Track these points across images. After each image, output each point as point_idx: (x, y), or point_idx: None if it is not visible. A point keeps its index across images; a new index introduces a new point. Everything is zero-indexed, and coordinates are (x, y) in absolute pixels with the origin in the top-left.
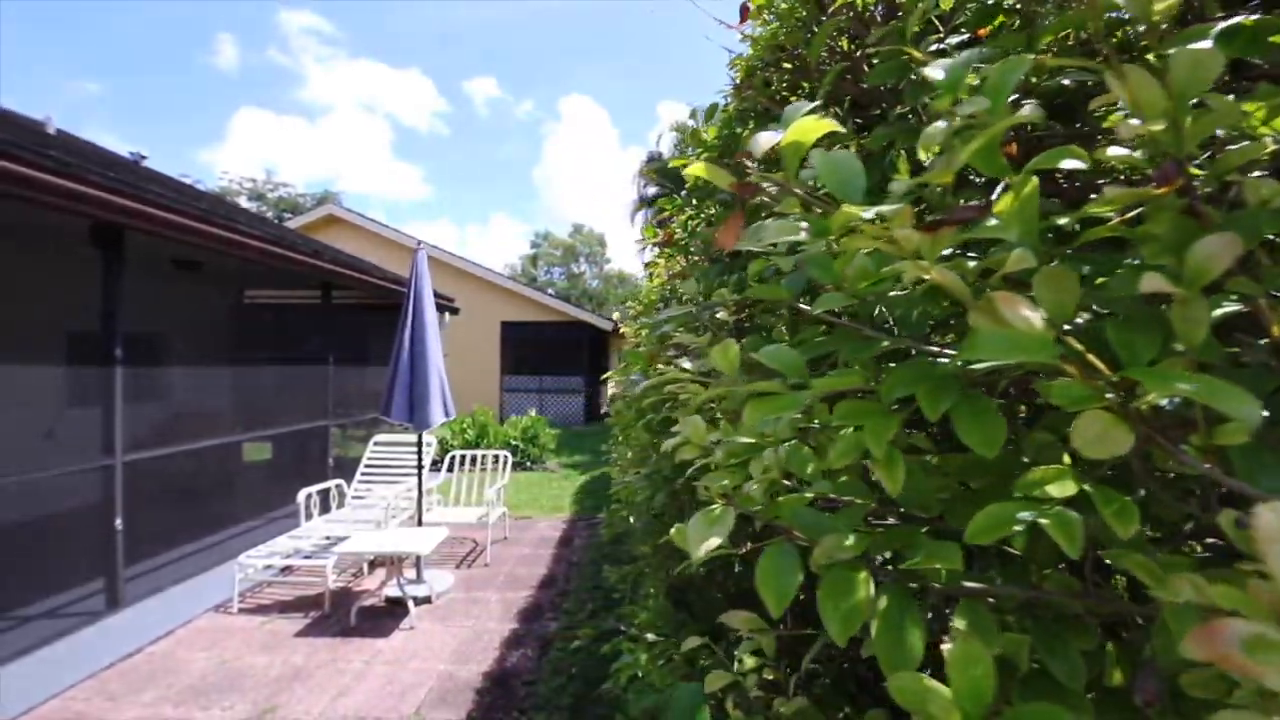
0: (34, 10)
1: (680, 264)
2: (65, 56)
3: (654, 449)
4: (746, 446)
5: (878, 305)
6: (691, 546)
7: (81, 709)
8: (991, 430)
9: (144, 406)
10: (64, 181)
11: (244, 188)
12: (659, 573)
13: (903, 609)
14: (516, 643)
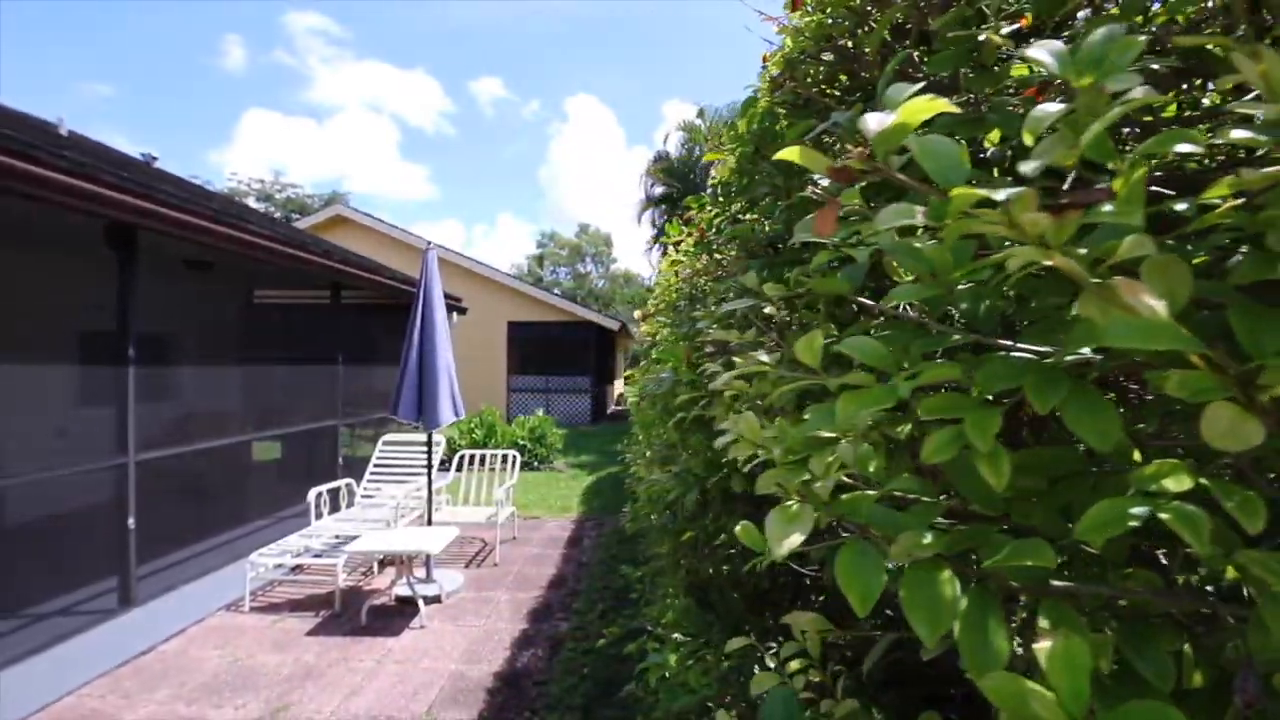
0: (45, 13)
1: (702, 263)
2: (76, 59)
3: (684, 447)
4: (806, 443)
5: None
6: (772, 544)
7: (96, 706)
8: (1106, 423)
9: (155, 406)
10: (78, 182)
11: (252, 188)
12: (678, 572)
13: (985, 609)
14: (527, 643)
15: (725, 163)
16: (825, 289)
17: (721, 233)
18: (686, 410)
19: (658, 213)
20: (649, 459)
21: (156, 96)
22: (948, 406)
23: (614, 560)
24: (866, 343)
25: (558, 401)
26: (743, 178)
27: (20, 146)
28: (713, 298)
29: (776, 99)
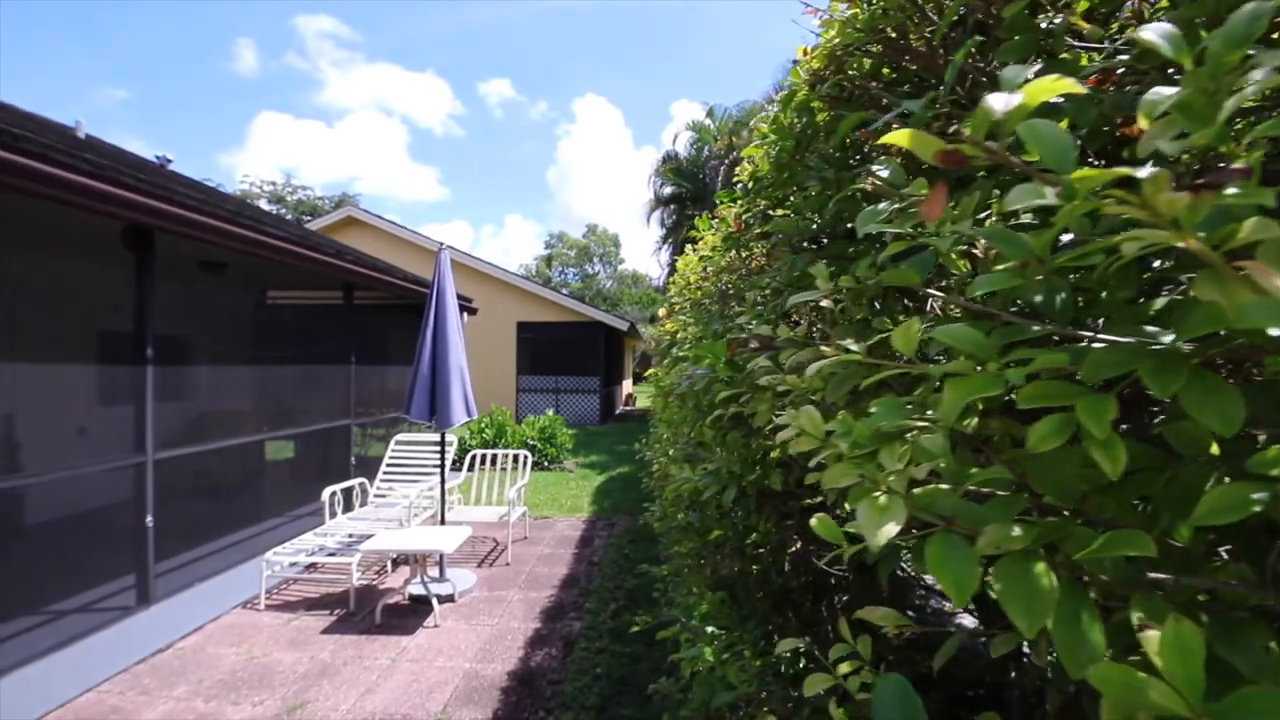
0: (62, 20)
1: (727, 260)
2: (92, 64)
3: (718, 445)
4: (875, 436)
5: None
6: (867, 534)
7: (115, 703)
8: (1229, 407)
9: (172, 406)
10: (99, 184)
11: (264, 191)
12: (703, 571)
13: (1077, 602)
14: (540, 642)
15: (754, 159)
16: (896, 280)
17: (750, 228)
18: (724, 407)
19: (666, 213)
20: (674, 456)
21: (171, 100)
22: (1055, 394)
23: (626, 560)
24: (963, 330)
25: (567, 402)
26: (782, 172)
27: (40, 149)
28: (756, 292)
29: (818, 93)
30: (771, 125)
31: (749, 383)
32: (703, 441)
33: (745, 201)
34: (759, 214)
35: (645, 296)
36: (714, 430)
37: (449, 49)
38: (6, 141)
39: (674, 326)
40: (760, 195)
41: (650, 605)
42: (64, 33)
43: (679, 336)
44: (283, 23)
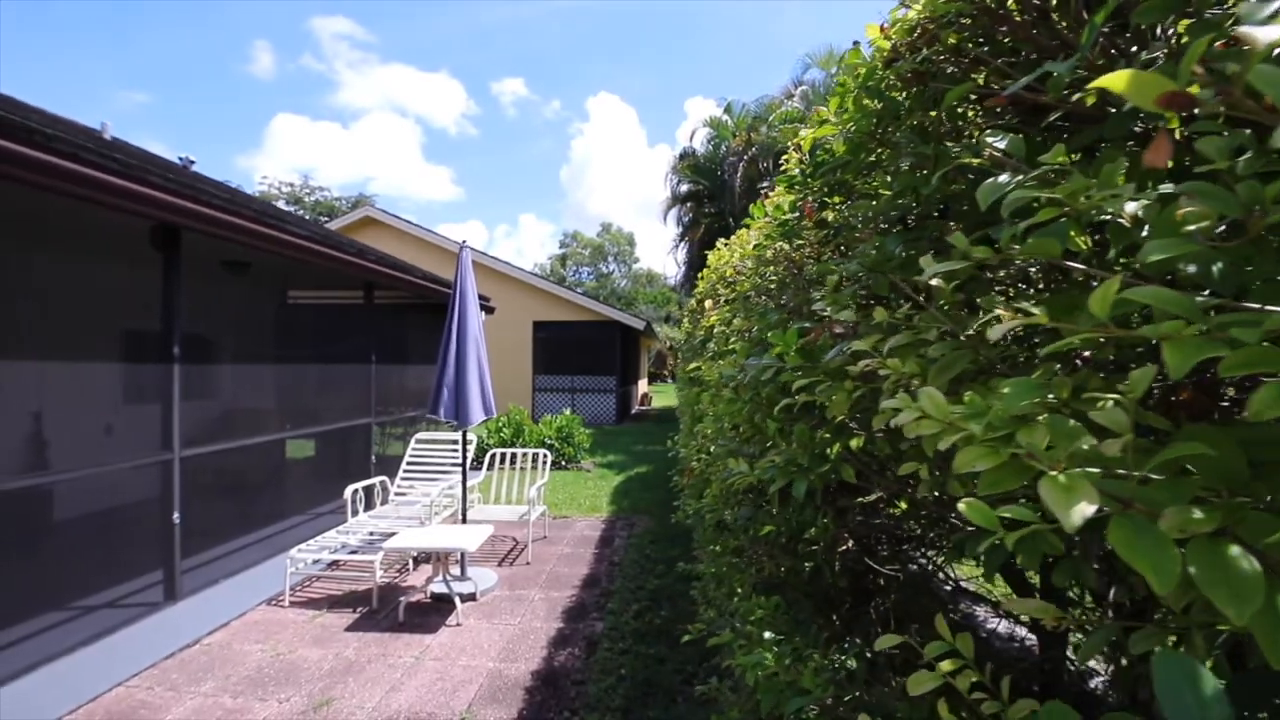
0: (84, 23)
1: (772, 251)
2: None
3: (784, 437)
4: (1011, 421)
5: None
6: (1060, 514)
7: (144, 698)
8: None
9: (196, 404)
10: (128, 183)
11: (282, 192)
12: (748, 570)
13: (1273, 590)
14: (563, 642)
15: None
16: (1037, 252)
17: (819, 213)
18: (793, 397)
19: (683, 210)
20: (718, 452)
21: (190, 103)
22: (1264, 359)
23: (647, 560)
24: (1165, 292)
25: (583, 401)
26: (859, 153)
27: (71, 149)
28: (834, 277)
29: (895, 70)
30: (852, 104)
31: (825, 370)
32: (756, 434)
33: (804, 187)
34: (817, 200)
35: (660, 295)
36: (777, 422)
37: (462, 48)
38: (39, 142)
39: (718, 318)
40: (824, 179)
41: (674, 606)
42: (86, 37)
43: (717, 331)
44: (299, 24)
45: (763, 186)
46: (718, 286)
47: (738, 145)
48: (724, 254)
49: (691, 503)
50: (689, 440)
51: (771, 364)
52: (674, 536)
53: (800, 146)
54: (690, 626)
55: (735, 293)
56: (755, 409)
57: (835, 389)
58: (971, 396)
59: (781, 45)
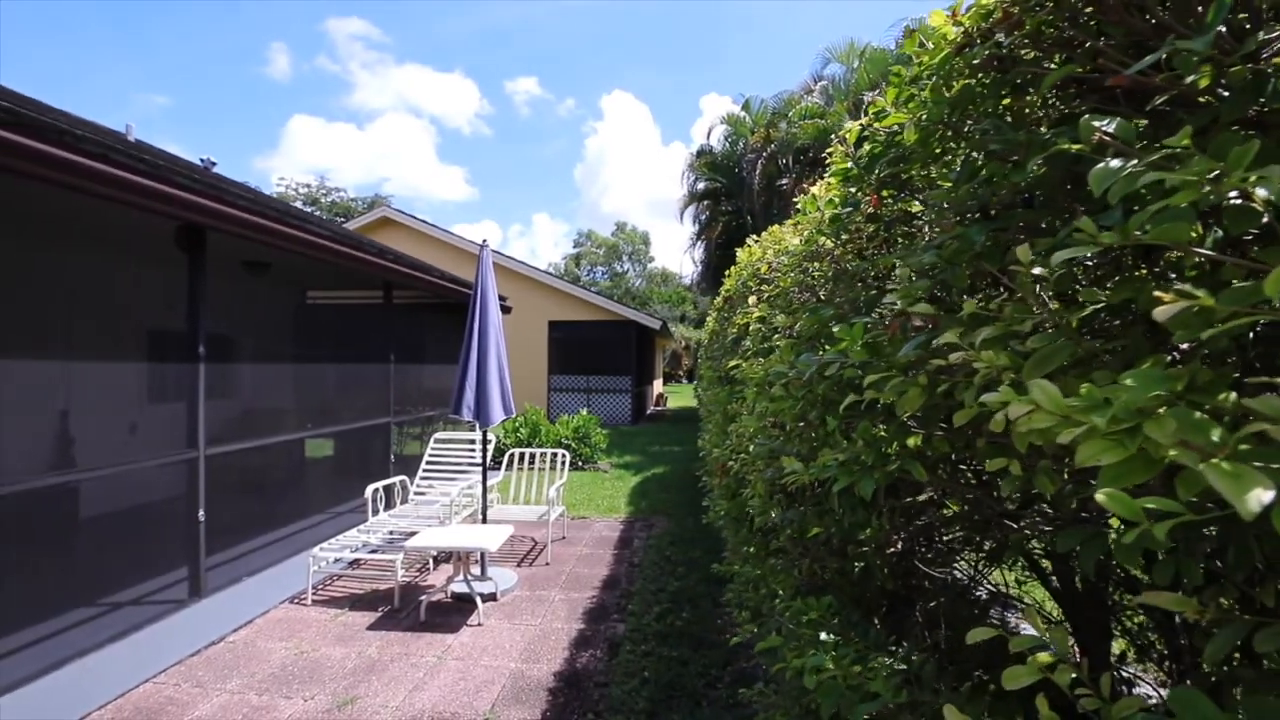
0: (104, 26)
1: (816, 245)
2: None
3: (846, 435)
4: (1134, 413)
5: None
6: (1236, 501)
7: (171, 694)
8: None
9: (219, 403)
10: (156, 184)
11: (299, 193)
12: (791, 571)
13: None
14: (585, 643)
15: (846, 137)
16: (1166, 237)
17: (888, 205)
18: (859, 393)
19: (700, 208)
20: (758, 451)
21: (208, 105)
22: None
23: (667, 562)
24: None
25: (598, 401)
26: (931, 141)
27: (100, 150)
28: (910, 267)
29: (968, 56)
30: (930, 91)
31: (897, 365)
32: (808, 432)
33: (859, 180)
34: (871, 193)
35: (675, 295)
36: (838, 419)
37: (476, 48)
38: (69, 143)
39: (760, 313)
40: (877, 174)
41: (696, 608)
42: (108, 41)
43: (754, 328)
44: (314, 26)
45: (782, 183)
46: (750, 283)
47: (756, 142)
48: (756, 250)
49: (723, 503)
50: (720, 439)
51: (834, 359)
52: (694, 538)
53: (845, 139)
54: (740, 628)
55: (776, 289)
56: (809, 406)
57: (908, 384)
58: (1089, 388)
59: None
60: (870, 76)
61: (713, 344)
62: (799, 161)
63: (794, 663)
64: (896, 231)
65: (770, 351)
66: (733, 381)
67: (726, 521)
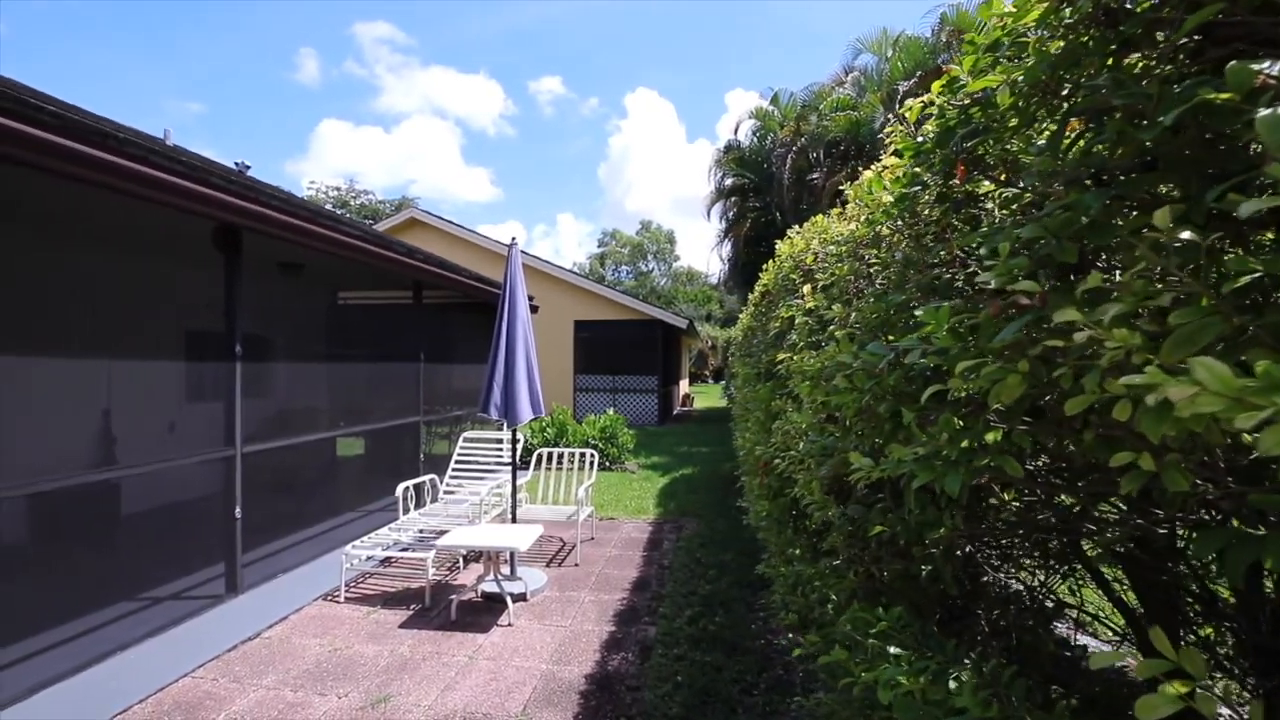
0: (139, 35)
1: (871, 232)
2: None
3: (923, 429)
4: None
5: None
6: None
7: (209, 689)
8: None
9: (254, 402)
10: (195, 185)
11: (329, 196)
12: (846, 575)
13: None
14: (616, 645)
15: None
16: None
17: (973, 179)
18: (943, 382)
19: (727, 205)
20: (815, 447)
21: (240, 112)
22: None
23: (698, 564)
24: None
25: (624, 401)
26: (1030, 105)
27: (142, 152)
28: (1009, 241)
29: (1077, 8)
30: (1033, 50)
31: (993, 350)
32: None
33: (929, 156)
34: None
35: (701, 294)
36: (915, 411)
37: (500, 49)
38: (113, 145)
39: (815, 303)
40: (961, 144)
41: (728, 612)
42: (145, 50)
43: (799, 321)
44: (342, 30)
45: (812, 178)
46: (793, 276)
47: (786, 136)
48: (798, 242)
49: (764, 504)
50: (761, 437)
51: (913, 346)
52: (725, 540)
53: (905, 118)
54: (803, 639)
55: (831, 277)
56: (875, 399)
57: (1006, 371)
58: (1267, 366)
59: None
60: (905, 65)
61: (749, 340)
62: (830, 155)
63: (863, 676)
64: (965, 213)
65: (821, 344)
66: (775, 377)
67: (769, 523)
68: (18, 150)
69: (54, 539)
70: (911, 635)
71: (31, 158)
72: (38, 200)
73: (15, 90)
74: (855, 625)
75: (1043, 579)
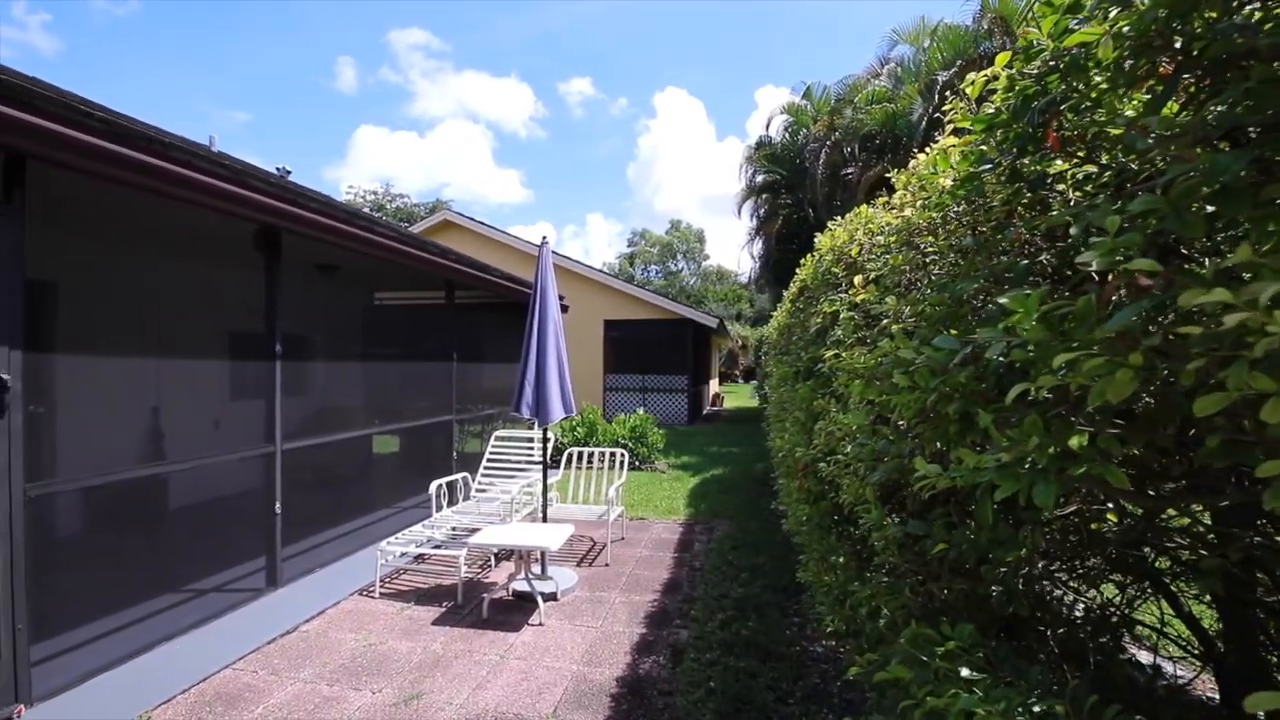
0: (191, 50)
1: (928, 218)
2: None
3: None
4: None
5: None
6: None
7: (249, 681)
8: None
9: (293, 400)
10: (236, 188)
11: (366, 200)
12: (902, 591)
13: None
14: (647, 648)
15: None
16: None
17: (1069, 147)
18: (1030, 379)
19: (759, 202)
20: (865, 451)
21: (282, 120)
22: None
23: (730, 567)
24: None
25: (654, 401)
26: (1137, 62)
27: (185, 156)
28: (1118, 215)
29: None
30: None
31: (1096, 341)
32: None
33: (1005, 129)
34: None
35: (731, 293)
36: (993, 413)
37: (531, 51)
38: (158, 150)
39: (866, 296)
40: (1040, 116)
41: (762, 617)
42: (192, 61)
43: (844, 317)
44: (378, 38)
45: (847, 173)
46: (834, 269)
47: (819, 130)
48: (840, 234)
49: (803, 508)
50: (801, 439)
51: (994, 338)
52: (758, 543)
53: (966, 94)
54: (859, 658)
55: (886, 267)
56: (943, 399)
57: (1115, 365)
58: None
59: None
60: (944, 55)
61: (785, 338)
62: (865, 149)
63: (929, 701)
64: (1034, 195)
65: (868, 341)
66: (816, 376)
67: (809, 528)
68: (70, 155)
69: (107, 531)
70: (983, 656)
71: (83, 162)
72: (94, 205)
73: (66, 98)
74: (916, 643)
75: (1114, 594)
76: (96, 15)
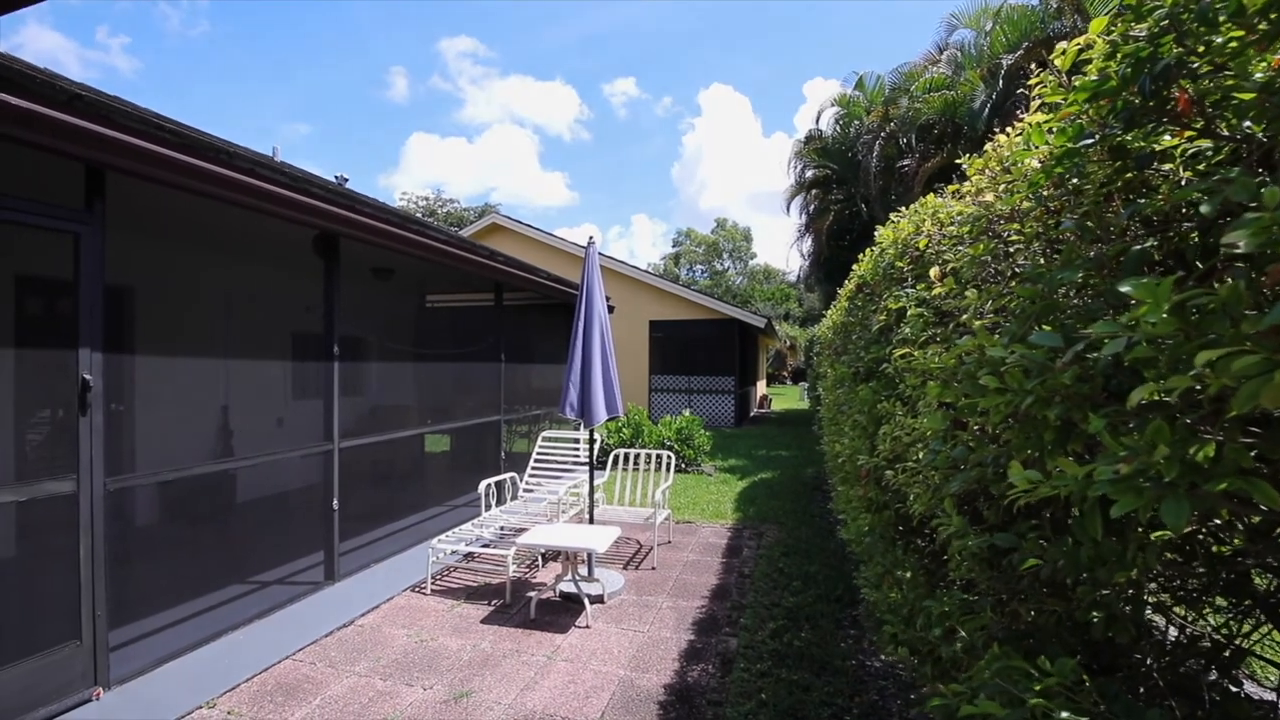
0: (258, 67)
1: (1010, 206)
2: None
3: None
4: None
5: None
6: None
7: (308, 672)
8: None
9: (349, 400)
10: (296, 195)
11: (419, 206)
12: (981, 610)
13: None
14: (695, 656)
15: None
16: None
17: (1203, 114)
18: (1159, 379)
19: (808, 198)
20: (940, 459)
21: (341, 130)
22: None
23: (780, 575)
24: None
25: (700, 402)
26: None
27: (248, 164)
28: (1248, 188)
29: None
30: None
31: (1248, 336)
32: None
33: (1109, 97)
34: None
35: (779, 292)
36: (1103, 418)
37: (575, 54)
38: (223, 159)
39: (946, 288)
40: (1157, 80)
41: (815, 628)
42: (259, 76)
43: (911, 313)
44: (429, 48)
45: (903, 165)
46: (898, 264)
47: (873, 121)
48: (905, 226)
49: (865, 517)
50: (863, 444)
51: (1113, 332)
52: (809, 550)
53: (1055, 65)
54: (942, 689)
55: (963, 258)
56: (1040, 403)
57: (1272, 363)
58: None
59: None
60: (1009, 38)
61: (842, 337)
62: (923, 139)
63: None
64: (1135, 176)
65: (938, 339)
66: (880, 377)
67: (871, 538)
68: (143, 165)
69: (177, 524)
70: (1089, 695)
71: (155, 171)
72: (167, 214)
73: (140, 112)
74: (1004, 675)
75: (1218, 620)
76: (171, 37)
